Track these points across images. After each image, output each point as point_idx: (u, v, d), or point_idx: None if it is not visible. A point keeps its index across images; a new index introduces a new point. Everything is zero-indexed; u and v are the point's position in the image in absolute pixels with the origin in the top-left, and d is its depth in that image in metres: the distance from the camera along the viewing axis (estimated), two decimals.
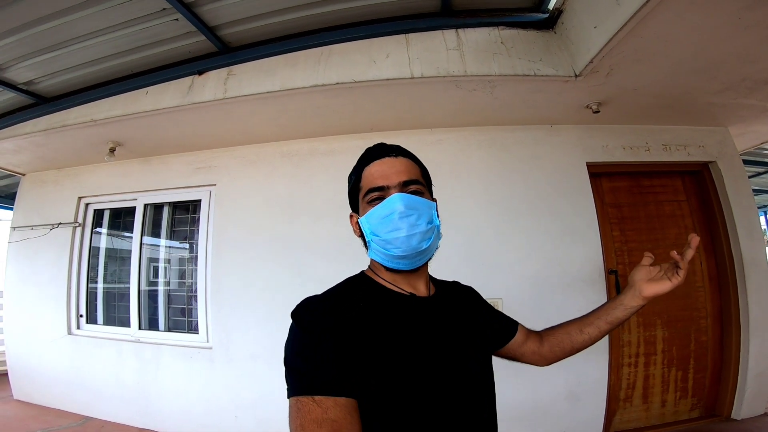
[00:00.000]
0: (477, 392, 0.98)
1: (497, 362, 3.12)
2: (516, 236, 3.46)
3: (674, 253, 1.10)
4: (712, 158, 3.71)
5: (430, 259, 1.05)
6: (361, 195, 1.03)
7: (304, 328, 0.87)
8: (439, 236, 1.03)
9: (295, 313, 0.90)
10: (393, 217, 0.95)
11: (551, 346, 1.30)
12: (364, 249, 1.08)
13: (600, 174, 3.70)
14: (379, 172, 1.00)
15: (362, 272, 1.09)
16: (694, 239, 1.09)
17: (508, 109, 3.35)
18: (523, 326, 1.34)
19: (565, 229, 3.46)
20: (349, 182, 1.10)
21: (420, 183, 1.02)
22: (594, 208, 3.50)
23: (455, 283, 1.27)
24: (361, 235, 1.06)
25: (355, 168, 1.09)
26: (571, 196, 3.53)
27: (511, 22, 2.92)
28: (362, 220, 1.01)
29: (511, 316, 1.34)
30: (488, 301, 1.28)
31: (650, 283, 1.14)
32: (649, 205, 3.75)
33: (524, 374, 3.25)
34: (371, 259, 1.07)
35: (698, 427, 3.45)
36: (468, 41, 2.91)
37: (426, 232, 0.97)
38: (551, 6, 2.84)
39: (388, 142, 1.12)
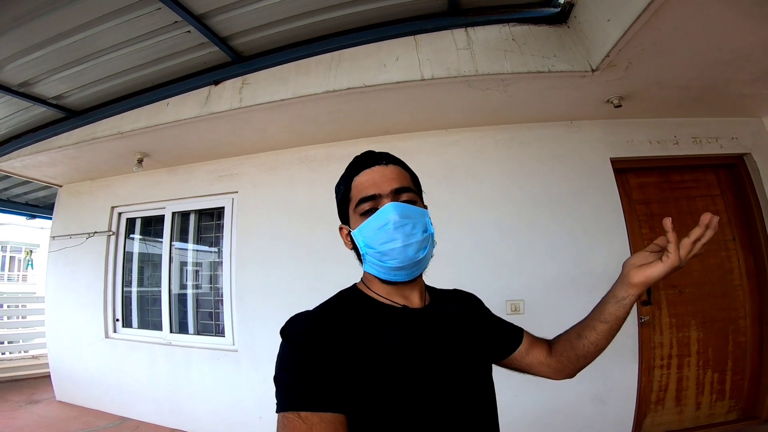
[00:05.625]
0: (472, 405, 0.95)
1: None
2: (538, 236, 3.37)
3: (667, 222, 0.89)
4: (746, 150, 3.50)
5: (425, 269, 1.02)
6: (351, 206, 1.00)
7: (292, 345, 0.86)
8: (433, 244, 1.01)
9: (284, 330, 0.90)
10: (388, 228, 0.92)
11: (558, 355, 1.17)
12: (358, 263, 1.06)
13: (626, 170, 3.56)
14: (369, 181, 0.98)
15: (354, 285, 1.07)
16: (707, 218, 0.87)
17: (524, 106, 3.27)
18: (528, 334, 1.24)
19: (589, 227, 3.35)
20: (337, 193, 1.08)
21: (412, 191, 1.00)
22: (620, 206, 3.37)
23: (456, 291, 1.22)
24: (354, 248, 1.04)
25: (342, 178, 1.06)
26: (596, 193, 3.41)
27: (522, 18, 2.85)
28: (355, 233, 0.99)
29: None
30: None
31: (642, 268, 0.94)
32: (681, 201, 3.58)
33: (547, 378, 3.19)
34: (364, 272, 1.05)
35: (735, 429, 3.31)
36: (478, 40, 2.85)
37: (422, 242, 0.95)
38: (562, 0, 2.76)
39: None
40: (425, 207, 1.03)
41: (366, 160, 1.02)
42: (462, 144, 3.61)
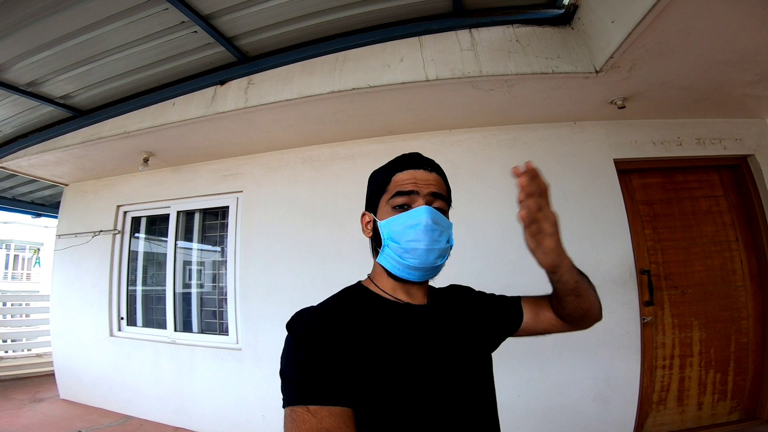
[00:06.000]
0: (473, 399, 0.98)
1: (520, 364, 3.08)
2: None
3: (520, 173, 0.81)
4: (749, 151, 3.51)
5: (437, 275, 1.06)
6: (385, 198, 1.03)
7: (298, 339, 0.88)
8: (448, 256, 1.03)
9: (290, 324, 0.91)
10: (418, 228, 0.95)
11: (562, 318, 1.14)
12: (371, 252, 1.09)
13: (629, 171, 3.57)
14: (411, 179, 1.00)
15: (359, 282, 1.09)
16: (517, 170, 0.81)
17: (528, 107, 3.28)
18: (531, 302, 1.20)
19: (592, 228, 3.35)
20: (372, 181, 1.10)
21: (445, 200, 1.04)
22: (623, 206, 3.38)
23: (452, 287, 1.24)
24: (372, 237, 1.07)
25: (384, 169, 1.08)
26: (599, 194, 3.42)
27: (526, 20, 2.87)
28: (382, 223, 1.01)
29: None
30: None
31: (537, 252, 0.88)
32: (684, 202, 3.59)
33: (550, 377, 3.22)
34: (374, 266, 1.08)
35: (737, 430, 3.31)
36: (482, 41, 2.87)
37: (444, 250, 1.00)
38: (566, 2, 2.77)
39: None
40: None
41: (413, 161, 1.05)
42: (465, 144, 3.62)
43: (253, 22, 2.85)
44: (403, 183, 1.00)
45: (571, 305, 1.06)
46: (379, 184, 1.06)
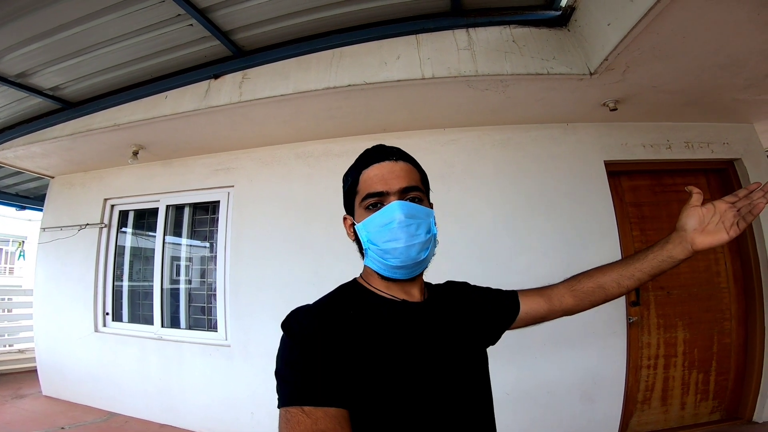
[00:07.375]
0: (470, 397, 0.97)
1: (509, 363, 3.09)
2: (531, 237, 3.41)
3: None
4: (737, 155, 3.59)
5: (426, 268, 1.02)
6: (357, 199, 0.99)
7: (294, 338, 0.86)
8: (435, 244, 1.00)
9: (285, 323, 0.89)
10: (392, 226, 0.92)
11: (579, 299, 1.20)
12: (355, 257, 1.05)
13: (619, 173, 3.63)
14: (378, 176, 0.96)
15: (354, 279, 1.07)
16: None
17: (522, 108, 3.31)
18: (533, 292, 1.23)
19: (582, 229, 3.40)
20: (344, 183, 1.06)
21: (419, 189, 0.99)
22: (612, 208, 3.43)
23: (448, 284, 1.21)
24: (356, 240, 1.03)
25: (352, 169, 1.04)
26: (589, 195, 3.46)
27: (523, 21, 2.89)
28: (359, 226, 0.98)
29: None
30: None
31: (705, 235, 1.02)
32: (672, 204, 3.64)
33: (538, 375, 3.25)
34: (364, 267, 1.05)
35: (719, 430, 3.37)
36: (479, 41, 2.89)
37: (425, 243, 0.95)
38: (563, 3, 2.80)
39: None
40: (431, 206, 1.03)
41: (376, 154, 1.00)
42: (460, 143, 3.64)
43: (249, 17, 2.83)
44: (372, 183, 0.96)
45: (634, 283, 1.15)
46: (349, 185, 1.02)
